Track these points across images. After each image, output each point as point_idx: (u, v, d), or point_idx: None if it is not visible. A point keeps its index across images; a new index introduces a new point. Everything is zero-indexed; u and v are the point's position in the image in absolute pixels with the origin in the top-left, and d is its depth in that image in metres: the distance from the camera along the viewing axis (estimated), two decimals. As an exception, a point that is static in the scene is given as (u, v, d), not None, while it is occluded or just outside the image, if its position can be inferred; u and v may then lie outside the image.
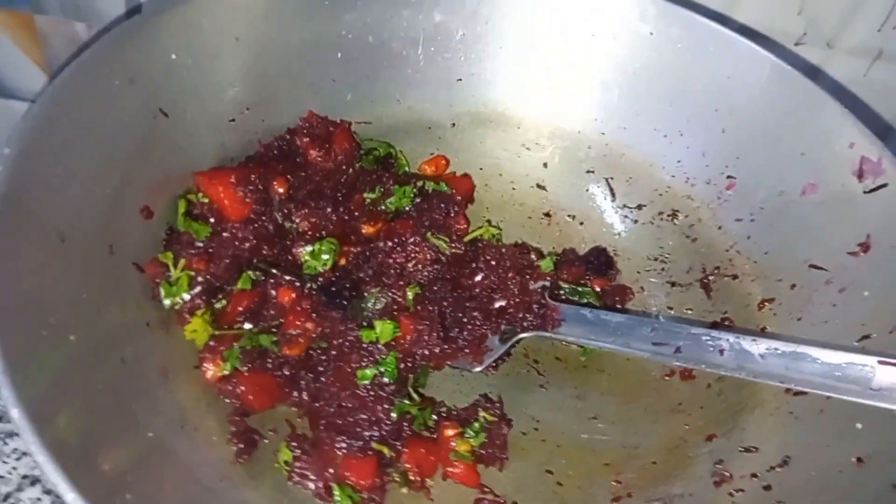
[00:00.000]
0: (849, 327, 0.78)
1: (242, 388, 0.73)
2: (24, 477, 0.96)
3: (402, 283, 0.83)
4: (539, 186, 1.04)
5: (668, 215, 0.99)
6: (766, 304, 0.88)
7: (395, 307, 0.80)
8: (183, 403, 0.69)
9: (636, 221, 1.01)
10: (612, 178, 1.02)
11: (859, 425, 0.69)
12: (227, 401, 0.73)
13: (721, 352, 0.75)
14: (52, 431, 0.48)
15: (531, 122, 1.05)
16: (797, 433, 0.75)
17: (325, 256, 0.81)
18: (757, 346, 0.73)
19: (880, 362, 0.65)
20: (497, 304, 0.87)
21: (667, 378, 0.88)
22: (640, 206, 1.01)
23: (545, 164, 1.04)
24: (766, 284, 0.89)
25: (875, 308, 0.77)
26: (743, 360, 0.74)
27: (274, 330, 0.78)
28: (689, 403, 0.85)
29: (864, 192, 0.82)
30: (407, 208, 0.93)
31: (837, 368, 0.68)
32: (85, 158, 0.69)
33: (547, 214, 1.03)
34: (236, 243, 0.79)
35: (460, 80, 1.03)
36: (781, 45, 1.00)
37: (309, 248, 0.82)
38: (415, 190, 0.94)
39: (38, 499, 0.94)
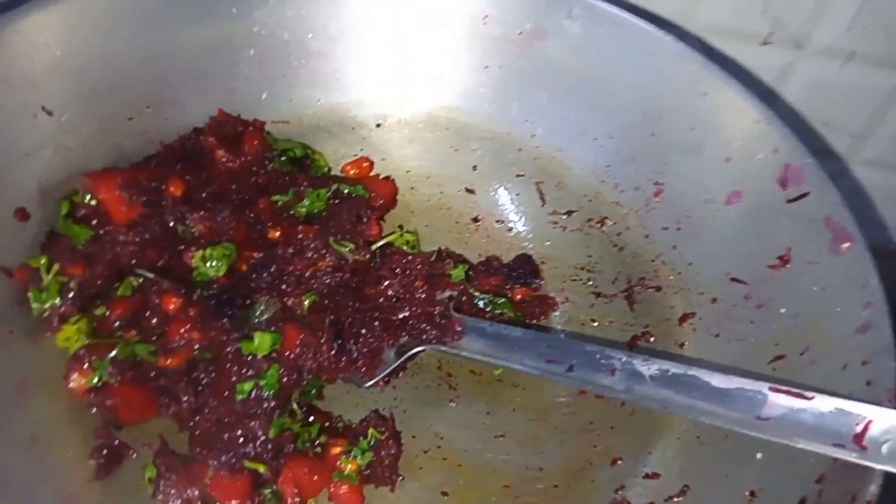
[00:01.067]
0: (763, 347, 0.73)
1: (112, 400, 0.69)
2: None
3: (299, 290, 0.79)
4: (468, 190, 0.99)
5: (597, 222, 0.94)
6: (687, 318, 0.83)
7: (284, 316, 0.76)
8: (38, 418, 0.65)
9: (565, 228, 0.96)
10: (542, 183, 0.98)
11: (759, 455, 0.65)
12: (94, 414, 0.69)
13: (612, 371, 0.71)
14: None
15: (461, 124, 1.00)
16: (700, 460, 0.71)
17: (215, 263, 0.77)
18: (648, 368, 0.69)
19: (771, 388, 0.60)
20: (401, 315, 0.83)
21: (582, 394, 0.83)
22: (569, 213, 0.96)
23: (475, 167, 1.00)
24: (688, 297, 0.84)
25: (789, 327, 0.72)
26: (633, 382, 0.69)
27: (154, 339, 0.74)
28: (599, 423, 0.80)
29: (787, 201, 0.77)
30: (321, 213, 0.89)
31: (727, 394, 0.63)
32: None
33: (475, 219, 0.98)
34: (117, 248, 0.76)
35: (385, 79, 0.99)
36: (713, 46, 0.95)
37: (200, 254, 0.78)
38: (330, 193, 0.90)
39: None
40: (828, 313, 0.69)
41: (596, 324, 0.89)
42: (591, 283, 0.92)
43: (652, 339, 0.84)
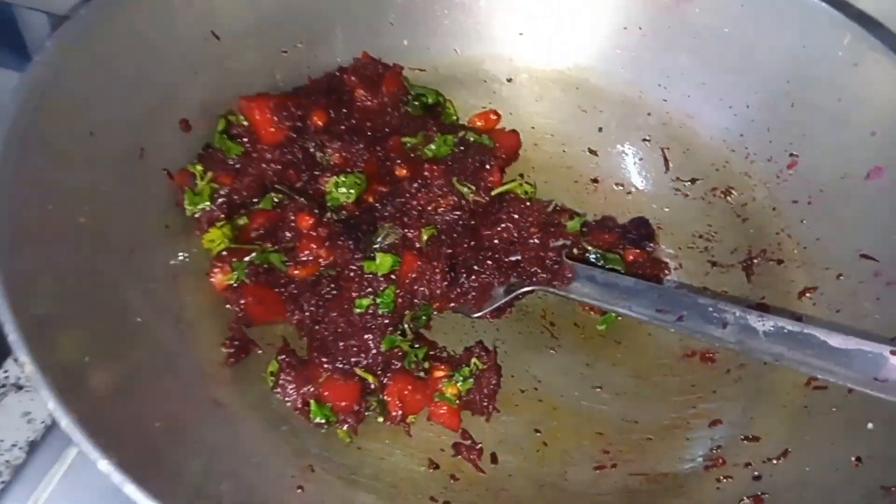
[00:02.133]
0: (888, 324, 0.70)
1: (246, 299, 0.76)
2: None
3: (420, 223, 0.83)
4: (590, 151, 1.00)
5: (722, 192, 0.93)
6: (808, 292, 0.80)
7: (404, 244, 0.81)
8: (183, 302, 0.73)
9: (687, 196, 0.95)
10: (668, 149, 0.97)
11: (871, 425, 0.62)
12: (229, 308, 0.77)
13: (724, 324, 0.70)
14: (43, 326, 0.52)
15: (592, 85, 1.01)
16: (804, 428, 0.69)
17: (346, 190, 0.83)
18: (763, 323, 0.68)
19: (892, 352, 0.57)
20: (513, 258, 0.85)
21: (687, 357, 0.83)
22: (693, 180, 0.95)
23: (600, 129, 1.00)
24: (812, 272, 0.81)
25: (920, 306, 0.69)
26: (745, 336, 0.69)
27: (287, 251, 0.80)
28: (701, 386, 0.79)
29: (934, 180, 0.73)
30: (446, 157, 0.92)
31: (845, 354, 0.61)
32: (129, 66, 0.75)
33: (594, 180, 0.99)
34: (263, 165, 0.83)
35: (521, 34, 1.01)
36: (868, 14, 0.90)
37: (334, 179, 0.84)
38: (457, 140, 0.93)
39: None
40: (966, 294, 0.65)
41: (708, 292, 0.88)
42: (707, 251, 0.91)
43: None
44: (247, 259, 0.78)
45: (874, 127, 0.79)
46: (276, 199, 0.83)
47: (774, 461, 0.67)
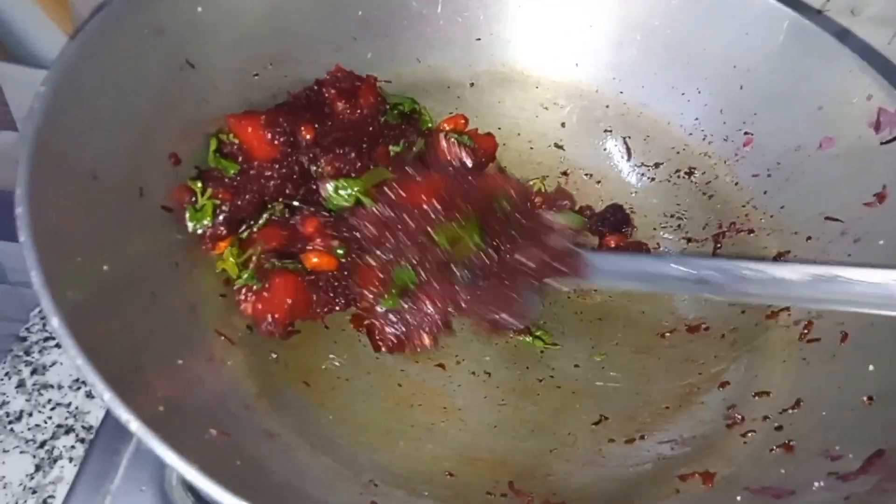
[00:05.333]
0: (863, 276, 0.79)
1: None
2: (59, 426, 1.00)
3: None
4: (557, 146, 1.05)
5: (685, 173, 1.00)
6: (783, 255, 0.88)
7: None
8: (209, 337, 0.71)
9: (653, 179, 1.02)
10: (629, 137, 1.03)
11: (871, 367, 0.70)
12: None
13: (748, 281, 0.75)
14: (91, 343, 0.50)
15: (549, 82, 1.06)
16: (809, 377, 0.76)
17: (346, 192, 0.84)
18: (787, 271, 0.74)
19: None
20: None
21: (681, 330, 0.89)
22: (657, 165, 1.02)
23: (563, 124, 1.05)
24: (782, 238, 0.90)
25: (890, 256, 0.78)
26: (778, 288, 0.74)
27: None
28: (701, 354, 0.86)
29: (881, 144, 0.82)
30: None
31: (878, 287, 0.68)
32: (112, 105, 0.72)
33: (564, 173, 1.04)
34: (262, 180, 0.82)
35: (479, 39, 1.04)
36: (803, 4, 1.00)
37: (333, 184, 0.84)
38: (436, 144, 0.96)
39: (72, 446, 0.98)
40: (931, 239, 0.74)
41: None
42: (681, 229, 0.98)
43: (747, 277, 0.90)
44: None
45: (819, 102, 0.88)
46: (276, 214, 0.82)
47: (791, 411, 0.74)
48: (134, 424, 0.47)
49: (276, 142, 0.83)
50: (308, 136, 0.86)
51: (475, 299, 0.81)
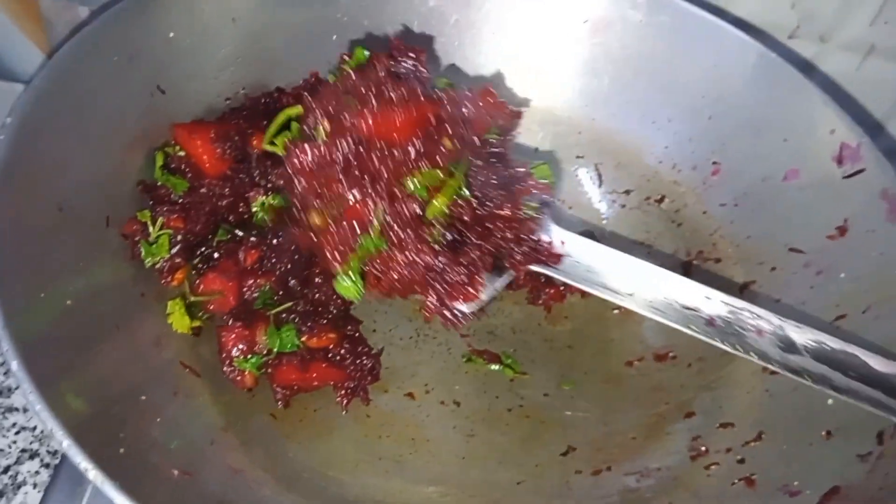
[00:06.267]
0: (825, 308, 0.80)
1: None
2: (23, 451, 0.98)
3: None
4: (530, 171, 1.06)
5: (656, 200, 1.01)
6: (748, 286, 0.90)
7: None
8: (175, 371, 0.71)
9: (623, 206, 1.03)
10: (601, 164, 1.04)
11: (830, 401, 0.71)
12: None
13: (760, 332, 0.68)
14: (52, 386, 0.50)
15: (523, 108, 1.06)
16: (772, 409, 0.77)
17: (266, 216, 0.82)
18: (801, 335, 0.67)
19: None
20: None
21: (650, 358, 0.90)
22: (627, 192, 1.03)
23: (536, 149, 1.06)
24: (748, 267, 0.91)
25: (850, 290, 0.79)
26: (785, 349, 0.67)
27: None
28: (668, 383, 0.87)
29: (843, 178, 0.84)
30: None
31: (889, 381, 0.64)
32: (83, 133, 0.72)
33: (537, 198, 1.04)
34: (214, 199, 0.80)
35: (454, 64, 1.05)
36: (770, 35, 1.02)
37: (261, 200, 0.82)
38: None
39: (37, 471, 0.96)
40: (888, 275, 0.76)
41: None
42: (649, 255, 0.99)
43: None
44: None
45: (785, 134, 0.90)
46: (227, 236, 0.81)
47: (752, 444, 0.75)
48: (92, 473, 0.46)
49: (226, 156, 0.81)
50: (260, 147, 0.83)
51: (448, 267, 0.66)
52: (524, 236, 0.71)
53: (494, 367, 0.89)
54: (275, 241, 0.80)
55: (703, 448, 0.78)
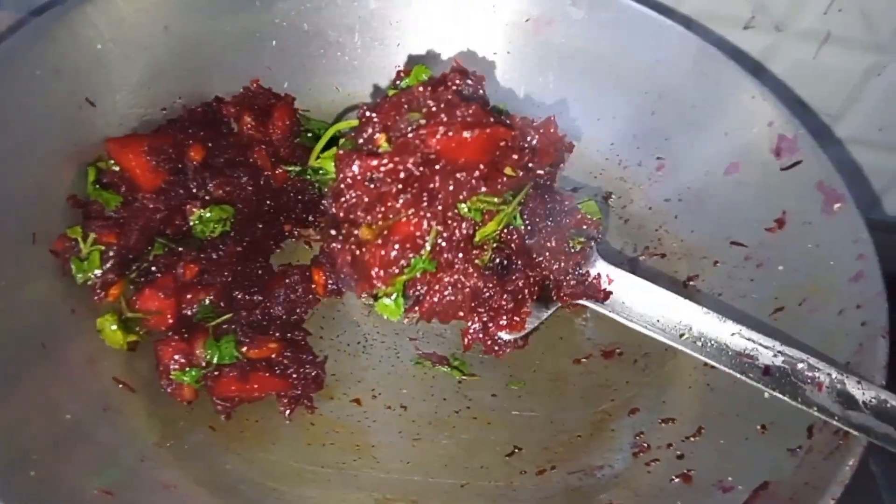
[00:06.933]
0: (764, 301, 0.81)
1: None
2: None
3: None
4: (478, 170, 1.05)
5: (603, 197, 1.01)
6: (692, 280, 0.90)
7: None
8: (106, 387, 0.70)
9: (571, 204, 1.02)
10: (548, 162, 1.04)
11: (766, 395, 0.72)
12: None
13: (819, 386, 0.67)
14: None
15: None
16: (712, 404, 0.77)
17: (214, 224, 0.81)
18: (862, 392, 0.65)
19: None
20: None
21: (597, 355, 0.90)
22: (575, 189, 1.03)
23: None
24: (692, 262, 0.91)
25: (788, 282, 0.80)
26: (845, 404, 0.64)
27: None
28: (615, 380, 0.87)
29: (781, 170, 0.84)
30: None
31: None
32: (7, 149, 0.70)
33: (486, 198, 1.04)
34: (147, 213, 0.79)
35: (398, 67, 1.04)
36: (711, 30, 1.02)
37: (198, 213, 0.81)
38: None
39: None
40: (823, 267, 0.76)
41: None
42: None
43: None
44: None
45: (726, 128, 0.90)
46: (163, 250, 0.80)
47: (692, 439, 0.75)
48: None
49: (160, 169, 0.80)
50: (197, 158, 0.83)
51: (495, 293, 0.67)
52: (571, 269, 0.73)
53: (443, 369, 0.88)
54: (214, 256, 0.80)
55: (646, 444, 0.78)
